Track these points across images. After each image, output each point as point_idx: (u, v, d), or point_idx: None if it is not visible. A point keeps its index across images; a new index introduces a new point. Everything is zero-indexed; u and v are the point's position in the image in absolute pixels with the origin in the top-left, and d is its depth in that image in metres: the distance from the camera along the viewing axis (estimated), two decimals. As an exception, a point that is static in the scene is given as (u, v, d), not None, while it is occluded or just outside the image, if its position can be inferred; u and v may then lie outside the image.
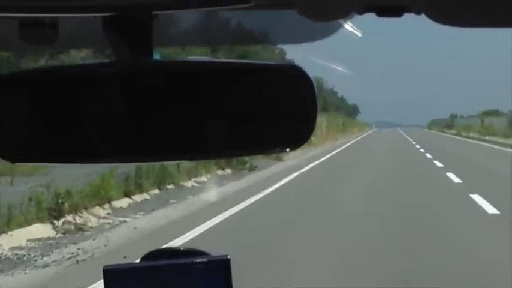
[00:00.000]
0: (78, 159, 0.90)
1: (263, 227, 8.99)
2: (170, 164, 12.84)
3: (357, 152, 27.69)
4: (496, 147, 29.95)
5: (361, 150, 29.02)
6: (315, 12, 0.86)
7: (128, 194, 11.79)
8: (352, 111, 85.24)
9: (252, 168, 17.38)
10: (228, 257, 1.02)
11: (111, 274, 1.00)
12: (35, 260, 7.32)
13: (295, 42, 1.15)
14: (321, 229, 8.71)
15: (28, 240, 8.43)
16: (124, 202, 11.46)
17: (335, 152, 26.11)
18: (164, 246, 3.95)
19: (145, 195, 12.40)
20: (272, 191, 13.25)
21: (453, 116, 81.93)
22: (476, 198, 10.62)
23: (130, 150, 0.86)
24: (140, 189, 12.42)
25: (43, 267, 6.95)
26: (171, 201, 11.87)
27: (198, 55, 1.09)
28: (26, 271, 6.81)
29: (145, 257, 1.04)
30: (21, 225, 8.68)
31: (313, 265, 6.76)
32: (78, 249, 7.83)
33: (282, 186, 14.29)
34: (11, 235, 8.39)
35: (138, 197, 12.06)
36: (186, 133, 0.85)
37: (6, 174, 12.45)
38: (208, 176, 15.96)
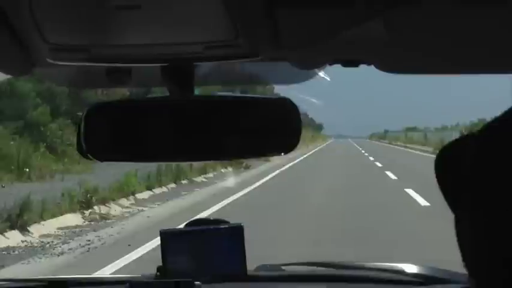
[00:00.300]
0: (143, 159, 1.36)
1: (257, 203, 11.96)
2: (184, 164, 15.94)
3: (321, 152, 43.84)
4: (416, 152, 43.16)
5: (325, 151, 46.11)
6: (301, 64, 1.28)
7: (149, 188, 14.33)
8: (318, 128, 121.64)
9: (247, 167, 22.36)
10: (242, 224, 1.55)
11: (165, 235, 1.53)
12: (54, 248, 7.90)
13: (285, 84, 1.54)
14: (299, 200, 12.40)
15: (57, 228, 9.31)
16: (146, 194, 13.79)
17: (308, 153, 38.01)
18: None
19: (164, 189, 14.97)
20: (265, 180, 18.06)
21: (386, 131, 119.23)
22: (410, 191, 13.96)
23: (177, 154, 1.30)
24: (160, 183, 15.16)
25: (58, 255, 7.46)
26: (183, 192, 14.40)
27: (218, 90, 1.57)
28: (42, 259, 7.27)
29: (189, 224, 1.57)
30: (54, 216, 9.82)
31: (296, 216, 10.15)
32: (96, 236, 8.54)
33: (271, 177, 19.32)
34: (43, 224, 9.27)
35: (157, 190, 14.57)
36: (211, 142, 1.26)
37: (61, 172, 15.65)
38: (215, 173, 19.70)
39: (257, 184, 16.35)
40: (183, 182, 16.56)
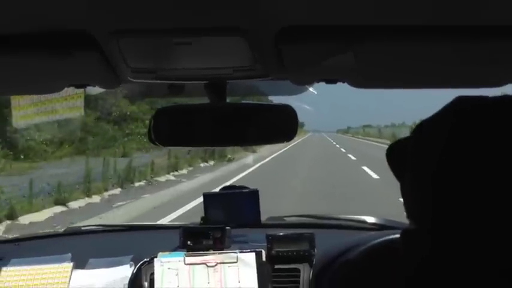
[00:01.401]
0: (192, 144, 1.60)
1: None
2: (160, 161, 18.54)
3: (303, 143, 52.56)
4: (371, 142, 52.98)
5: (304, 142, 54.67)
6: (297, 81, 1.42)
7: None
8: (301, 125, 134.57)
9: (230, 160, 23.80)
10: (258, 189, 2.25)
11: (207, 197, 2.24)
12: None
13: (284, 95, 1.78)
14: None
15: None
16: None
17: (294, 143, 43.84)
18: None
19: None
20: (257, 166, 21.05)
21: (348, 127, 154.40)
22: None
23: (214, 141, 1.56)
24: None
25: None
26: (116, 204, 12.78)
27: (241, 99, 1.92)
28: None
29: (222, 189, 2.28)
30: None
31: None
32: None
33: (262, 164, 22.34)
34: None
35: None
36: (236, 133, 1.51)
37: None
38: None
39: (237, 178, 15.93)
40: (138, 184, 15.54)
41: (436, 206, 0.77)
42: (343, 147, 38.52)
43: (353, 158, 25.36)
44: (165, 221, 8.12)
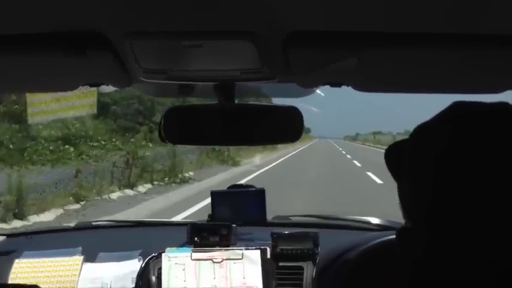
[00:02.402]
0: (201, 143, 1.71)
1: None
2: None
3: (310, 148, 55.54)
4: (381, 150, 49.41)
5: (310, 147, 57.71)
6: (303, 85, 1.45)
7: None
8: (307, 131, 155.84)
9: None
10: (264, 188, 2.30)
11: (214, 194, 2.30)
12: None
13: (291, 97, 1.78)
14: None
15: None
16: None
17: (299, 149, 48.41)
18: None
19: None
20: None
21: (357, 134, 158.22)
22: (370, 173, 19.17)
23: (222, 140, 1.59)
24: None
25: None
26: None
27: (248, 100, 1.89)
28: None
29: (229, 187, 2.34)
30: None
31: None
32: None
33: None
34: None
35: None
36: (244, 133, 1.55)
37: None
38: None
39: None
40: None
41: (432, 205, 0.80)
42: (356, 158, 31.66)
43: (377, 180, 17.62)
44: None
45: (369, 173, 18.94)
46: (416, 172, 0.83)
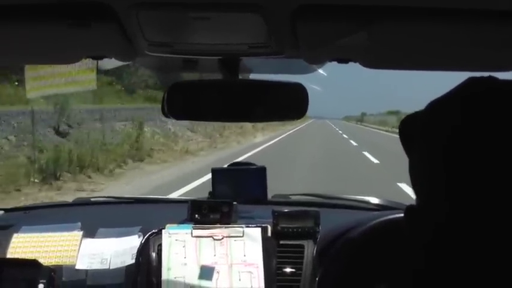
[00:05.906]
0: (204, 118, 1.63)
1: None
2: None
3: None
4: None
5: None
6: (310, 60, 1.43)
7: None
8: None
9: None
10: (265, 166, 2.29)
11: (215, 172, 2.29)
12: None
13: (296, 73, 1.75)
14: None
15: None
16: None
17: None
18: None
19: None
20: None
21: (363, 114, 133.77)
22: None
23: (225, 116, 1.58)
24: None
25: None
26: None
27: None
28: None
29: (230, 165, 2.33)
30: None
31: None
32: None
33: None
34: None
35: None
36: (248, 109, 1.52)
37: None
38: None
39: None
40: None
41: (449, 178, 0.77)
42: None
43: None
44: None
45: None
46: (428, 148, 0.81)
